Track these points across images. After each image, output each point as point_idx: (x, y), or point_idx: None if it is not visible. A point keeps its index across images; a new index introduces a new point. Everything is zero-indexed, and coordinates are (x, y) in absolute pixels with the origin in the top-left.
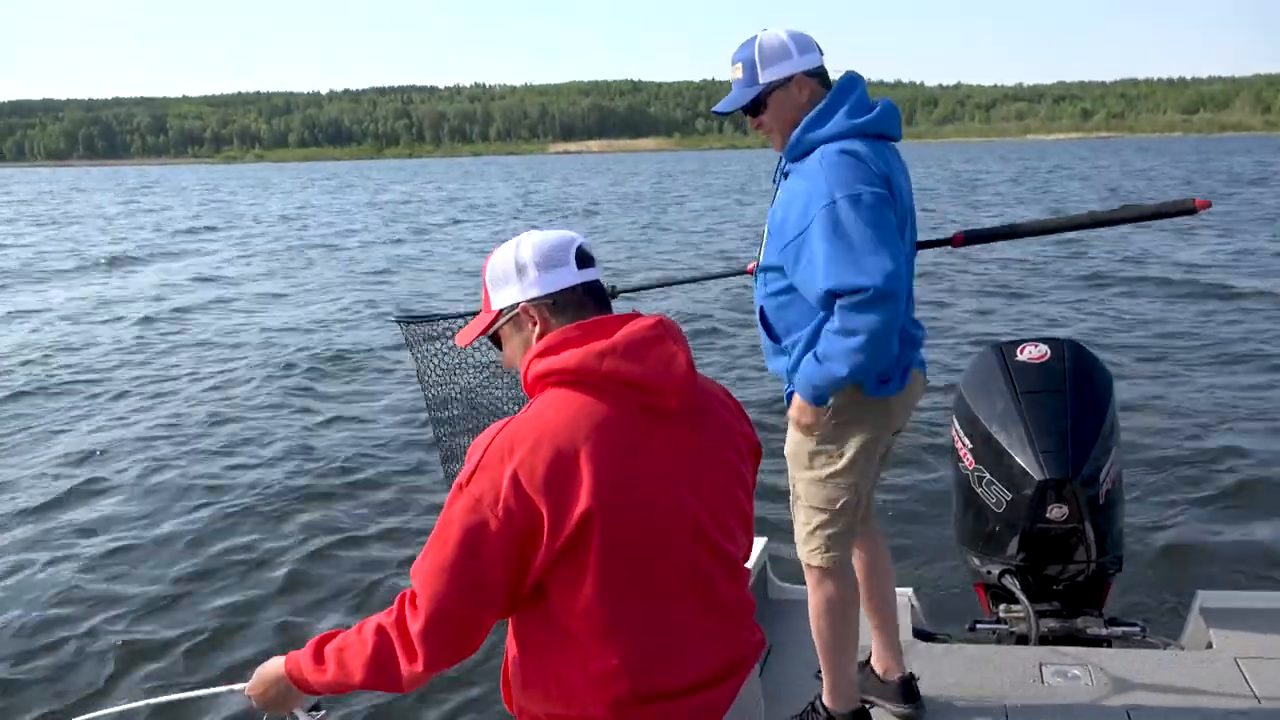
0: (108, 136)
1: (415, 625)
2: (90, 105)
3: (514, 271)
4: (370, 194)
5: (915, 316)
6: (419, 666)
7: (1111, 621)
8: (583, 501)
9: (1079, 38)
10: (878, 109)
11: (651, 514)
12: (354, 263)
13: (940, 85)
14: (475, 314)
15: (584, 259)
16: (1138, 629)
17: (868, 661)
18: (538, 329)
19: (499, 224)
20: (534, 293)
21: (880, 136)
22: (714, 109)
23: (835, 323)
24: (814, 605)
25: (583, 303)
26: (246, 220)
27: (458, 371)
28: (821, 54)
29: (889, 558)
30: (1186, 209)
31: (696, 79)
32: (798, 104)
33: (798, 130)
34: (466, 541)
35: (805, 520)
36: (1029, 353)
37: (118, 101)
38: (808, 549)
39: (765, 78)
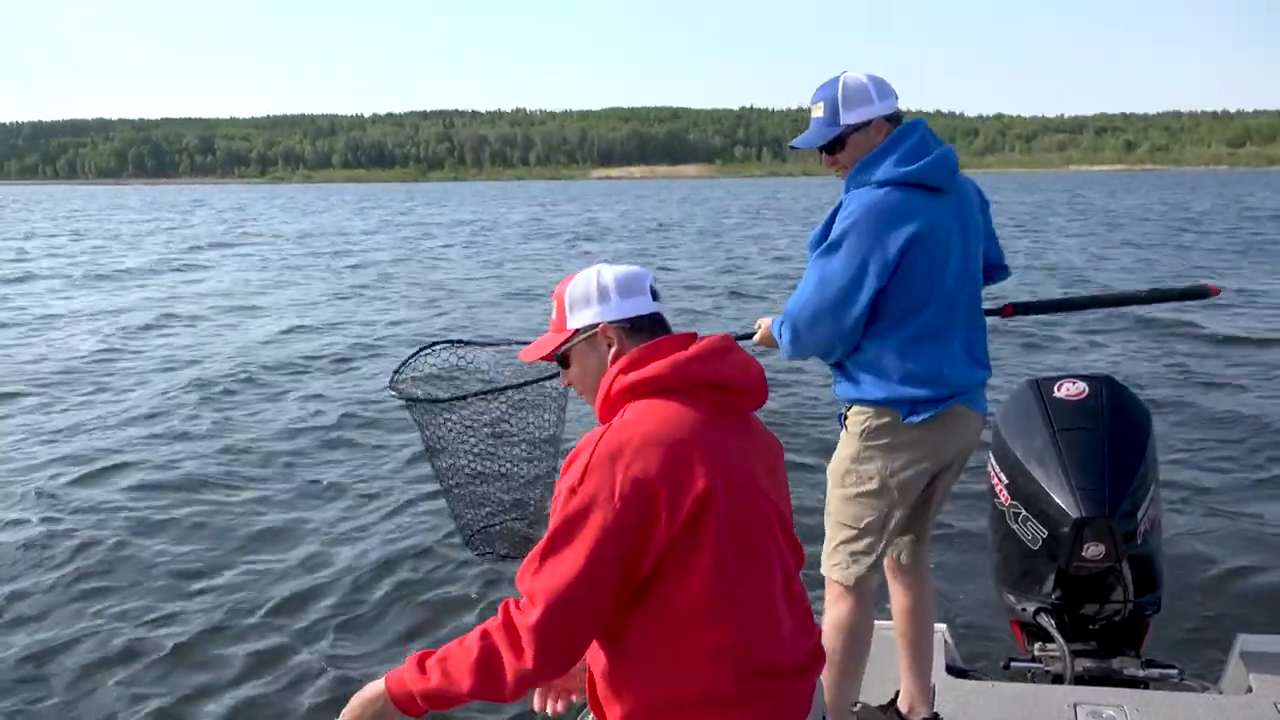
0: (157, 156)
1: (529, 619)
2: (140, 125)
3: (596, 295)
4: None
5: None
6: (527, 662)
7: (1149, 663)
8: (700, 481)
9: (1119, 69)
10: (926, 160)
11: (751, 498)
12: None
13: (980, 116)
14: (482, 392)
15: (655, 294)
16: (1176, 671)
17: (894, 701)
18: (614, 349)
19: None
20: (614, 315)
21: (925, 187)
22: (792, 143)
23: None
24: (827, 621)
25: (654, 330)
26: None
27: (466, 434)
28: (897, 98)
29: (933, 599)
30: (1202, 294)
31: (735, 107)
32: (874, 146)
33: (851, 172)
34: (585, 539)
35: (831, 535)
36: (1067, 389)
37: (167, 122)
38: (830, 563)
39: (846, 119)
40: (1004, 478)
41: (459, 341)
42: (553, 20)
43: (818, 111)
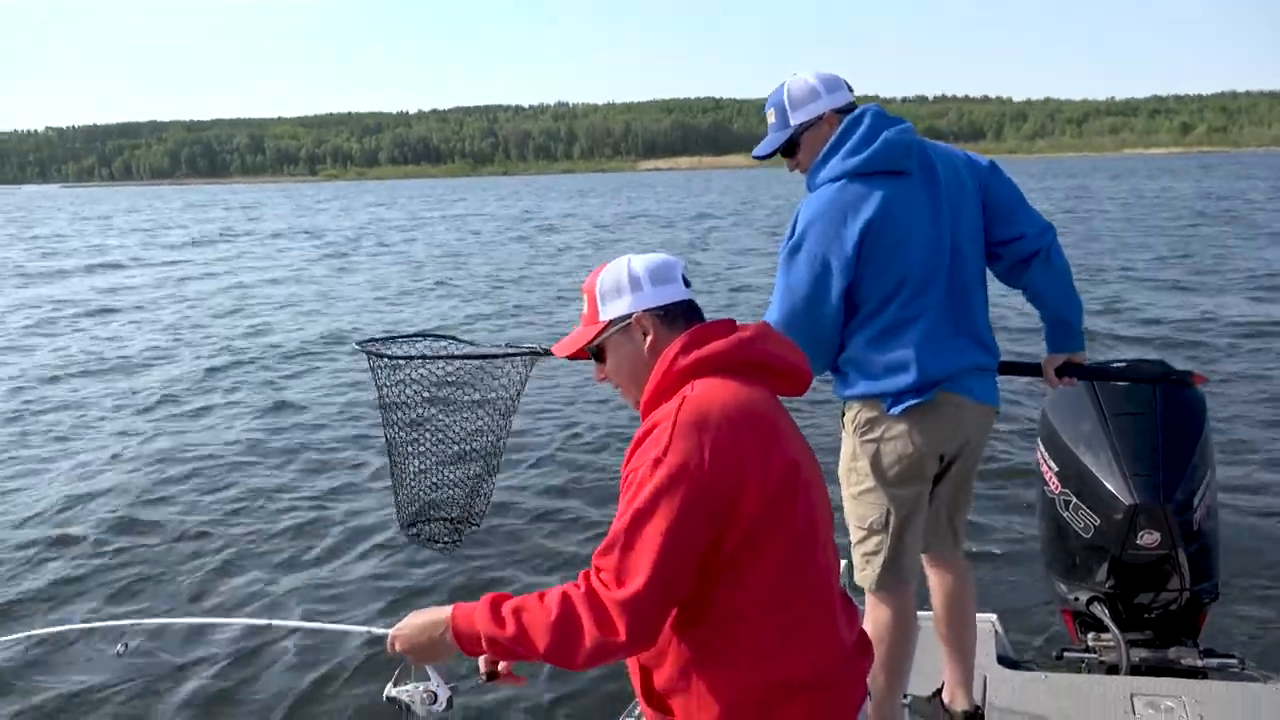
0: (209, 156)
1: (620, 593)
2: (192, 126)
3: (628, 285)
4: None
5: (986, 341)
6: (620, 636)
7: (1207, 653)
8: (785, 454)
9: (1172, 50)
10: (874, 146)
11: (818, 478)
12: None
13: (1028, 100)
14: (442, 337)
15: (685, 280)
16: (1235, 661)
17: (939, 692)
18: (649, 338)
19: None
20: (648, 304)
21: (879, 173)
22: (753, 153)
23: None
24: (866, 626)
25: (689, 318)
26: None
27: (424, 399)
28: (851, 91)
29: (971, 588)
30: (1186, 382)
31: None
32: (829, 141)
33: (808, 175)
34: (676, 508)
35: (851, 538)
36: None
37: (218, 123)
38: (854, 567)
39: (796, 119)
40: (1054, 465)
41: (452, 338)
42: (590, 12)
43: (770, 118)
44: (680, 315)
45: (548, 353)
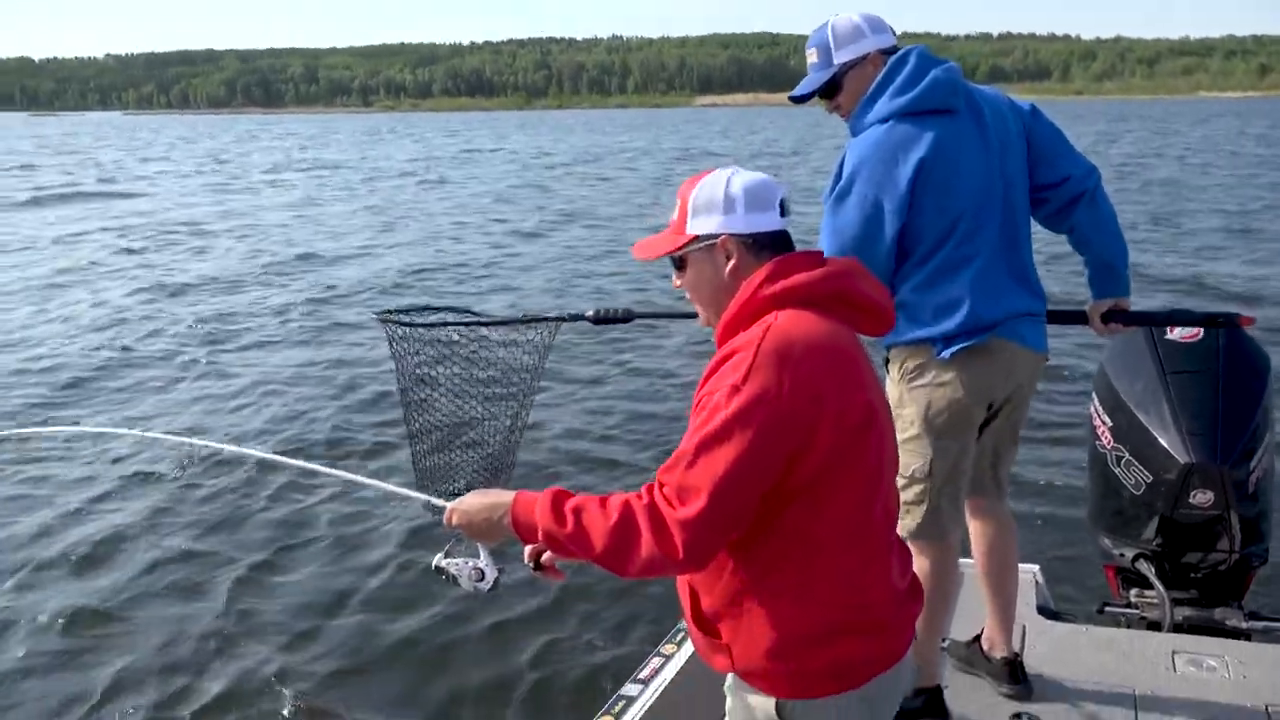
0: (264, 86)
1: (683, 512)
2: (246, 56)
3: (721, 202)
4: None
5: (1035, 286)
6: (676, 554)
7: (1253, 615)
8: (864, 393)
9: None
10: (922, 85)
11: (887, 421)
12: None
13: (1097, 38)
14: (457, 309)
15: (785, 209)
16: None
17: (979, 638)
18: (732, 263)
19: None
20: (738, 228)
21: (928, 113)
22: (790, 95)
23: None
24: None
25: (776, 249)
26: None
27: (443, 368)
28: (894, 34)
29: (1013, 538)
30: (1233, 323)
31: None
32: (872, 82)
33: (852, 118)
34: (751, 435)
35: None
36: (1179, 331)
37: (273, 52)
38: None
39: (840, 59)
40: (1107, 420)
41: (468, 310)
42: None
43: (812, 58)
44: (768, 245)
45: (575, 318)
